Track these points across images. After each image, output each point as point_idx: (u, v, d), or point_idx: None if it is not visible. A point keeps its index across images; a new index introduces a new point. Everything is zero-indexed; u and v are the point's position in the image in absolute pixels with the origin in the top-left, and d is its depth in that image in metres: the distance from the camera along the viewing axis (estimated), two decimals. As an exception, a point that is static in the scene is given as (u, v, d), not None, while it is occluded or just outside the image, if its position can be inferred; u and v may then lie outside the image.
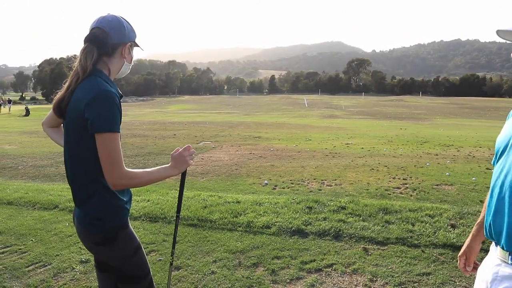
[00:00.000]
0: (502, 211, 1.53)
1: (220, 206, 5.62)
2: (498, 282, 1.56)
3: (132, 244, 2.06)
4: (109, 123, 1.80)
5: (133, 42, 2.07)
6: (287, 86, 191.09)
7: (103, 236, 1.96)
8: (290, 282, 3.59)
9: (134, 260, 2.07)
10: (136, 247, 2.08)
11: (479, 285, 1.73)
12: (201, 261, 4.02)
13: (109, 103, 1.82)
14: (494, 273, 1.59)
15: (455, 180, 7.88)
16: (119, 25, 1.98)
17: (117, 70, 2.05)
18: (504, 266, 1.55)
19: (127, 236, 2.04)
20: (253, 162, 10.34)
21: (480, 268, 1.79)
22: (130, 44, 2.04)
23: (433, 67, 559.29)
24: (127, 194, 2.08)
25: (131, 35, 2.03)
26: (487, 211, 1.66)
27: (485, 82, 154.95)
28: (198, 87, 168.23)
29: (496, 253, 1.62)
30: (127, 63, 2.07)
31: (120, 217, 2.00)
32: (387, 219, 5.00)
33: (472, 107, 61.74)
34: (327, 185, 7.55)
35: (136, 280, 2.10)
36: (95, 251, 2.09)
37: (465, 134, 20.37)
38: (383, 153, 12.19)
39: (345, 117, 41.17)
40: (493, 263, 1.62)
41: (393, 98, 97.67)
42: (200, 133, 19.46)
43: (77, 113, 1.85)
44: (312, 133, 20.15)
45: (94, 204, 1.92)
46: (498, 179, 1.59)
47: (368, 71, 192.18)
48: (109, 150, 1.81)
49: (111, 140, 1.81)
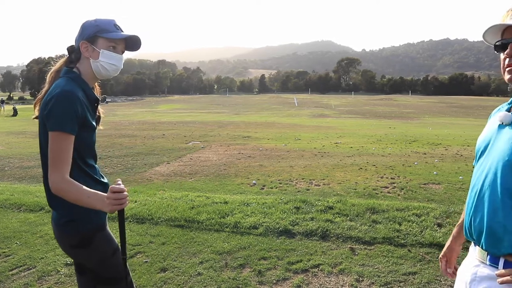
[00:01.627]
0: (481, 210, 1.53)
1: (208, 206, 5.60)
2: (477, 282, 1.56)
3: (110, 246, 2.05)
4: (58, 122, 1.77)
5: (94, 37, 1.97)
6: (277, 85, 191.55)
7: (78, 238, 1.95)
8: (276, 283, 3.58)
9: (112, 262, 2.05)
10: (114, 249, 2.06)
11: (458, 286, 1.73)
12: (187, 262, 3.99)
13: (64, 102, 1.79)
14: (473, 274, 1.59)
15: (442, 179, 7.93)
16: (80, 28, 2.00)
17: (89, 70, 2.00)
18: (483, 267, 1.55)
19: (103, 238, 2.02)
20: (241, 162, 10.32)
21: (459, 269, 1.79)
22: (86, 40, 1.97)
23: (422, 66, 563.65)
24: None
25: (85, 32, 1.97)
26: (466, 210, 1.65)
27: (474, 81, 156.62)
28: (188, 86, 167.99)
29: (475, 254, 1.62)
30: (93, 60, 1.98)
31: (95, 219, 1.98)
32: (374, 219, 5.01)
33: (460, 106, 62.31)
34: (315, 185, 7.55)
35: (114, 282, 2.08)
36: (72, 254, 2.08)
37: (453, 133, 20.54)
38: (371, 152, 12.24)
39: (334, 116, 41.31)
40: (472, 264, 1.62)
41: (383, 97, 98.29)
42: (189, 133, 19.39)
43: (41, 112, 1.87)
44: (302, 133, 20.17)
45: (68, 206, 1.87)
46: (478, 179, 1.59)
47: (358, 70, 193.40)
48: (54, 150, 1.78)
49: (58, 139, 1.78)
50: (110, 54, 1.99)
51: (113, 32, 1.98)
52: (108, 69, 2.01)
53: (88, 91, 1.98)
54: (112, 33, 1.98)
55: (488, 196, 1.50)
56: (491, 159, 1.53)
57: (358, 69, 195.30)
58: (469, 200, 1.64)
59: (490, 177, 1.50)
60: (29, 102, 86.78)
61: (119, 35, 2.00)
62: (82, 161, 1.95)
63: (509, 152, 1.43)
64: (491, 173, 1.50)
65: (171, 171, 9.20)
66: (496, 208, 1.46)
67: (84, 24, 1.99)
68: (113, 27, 2.00)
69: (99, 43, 1.97)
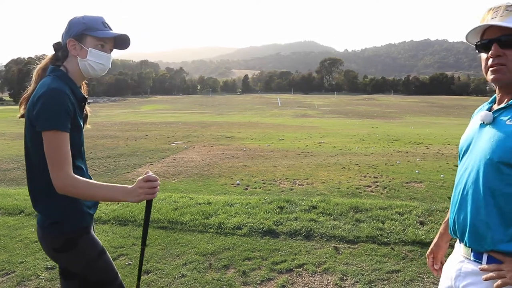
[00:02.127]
0: (465, 208, 1.57)
1: (191, 207, 5.56)
2: (461, 278, 1.60)
3: (95, 248, 2.00)
4: (50, 121, 1.74)
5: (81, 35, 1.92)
6: (260, 85, 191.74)
7: (63, 241, 1.90)
8: (261, 284, 3.57)
9: (99, 265, 2.01)
10: (100, 251, 2.01)
11: (444, 282, 1.76)
12: (171, 264, 3.96)
13: (54, 100, 1.76)
14: (457, 270, 1.63)
15: (424, 178, 8.02)
16: (67, 25, 1.95)
17: (76, 69, 1.96)
18: (467, 263, 1.59)
19: (88, 241, 1.97)
20: (225, 163, 10.29)
21: (445, 265, 1.82)
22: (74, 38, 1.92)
23: (404, 67, 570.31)
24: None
25: (73, 29, 1.92)
26: (451, 208, 1.68)
27: (454, 81, 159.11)
28: (171, 87, 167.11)
29: (459, 250, 1.65)
30: (81, 58, 1.93)
31: (80, 221, 1.94)
32: (358, 218, 5.04)
33: (441, 106, 63.21)
34: (299, 185, 7.56)
35: (103, 286, 2.04)
36: (56, 258, 2.00)
37: (435, 132, 20.82)
38: (354, 152, 12.32)
39: (317, 116, 41.51)
40: (457, 260, 1.65)
41: (365, 97, 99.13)
42: (172, 133, 19.28)
43: (28, 112, 1.82)
44: (285, 133, 20.22)
45: (52, 207, 1.86)
46: (461, 177, 1.62)
47: (340, 71, 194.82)
48: (52, 149, 1.75)
49: (54, 138, 1.75)
50: (98, 53, 1.94)
51: (101, 31, 1.94)
52: (96, 69, 1.97)
53: (76, 90, 1.93)
54: (100, 32, 1.93)
55: (471, 194, 1.54)
56: (473, 158, 1.56)
57: (341, 69, 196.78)
58: (453, 198, 1.68)
59: (473, 175, 1.54)
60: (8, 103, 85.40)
61: (108, 34, 1.95)
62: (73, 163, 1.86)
63: (491, 151, 1.47)
64: (473, 172, 1.54)
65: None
66: (479, 206, 1.50)
67: (72, 21, 1.94)
68: (101, 25, 1.95)
69: (87, 41, 1.92)
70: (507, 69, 1.48)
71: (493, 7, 1.51)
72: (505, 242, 1.45)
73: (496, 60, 1.48)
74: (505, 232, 1.45)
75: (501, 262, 1.46)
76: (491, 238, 1.48)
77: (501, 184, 1.44)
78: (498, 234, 1.46)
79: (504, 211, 1.45)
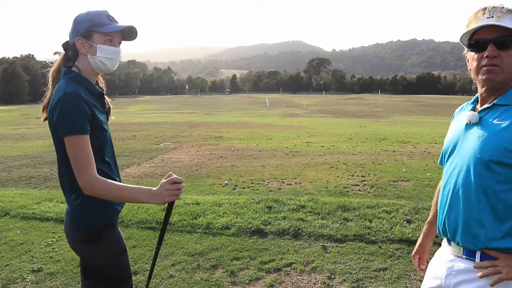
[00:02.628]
0: (456, 208, 1.59)
1: (179, 208, 5.54)
2: (453, 276, 1.61)
3: (118, 245, 2.04)
4: (69, 126, 1.77)
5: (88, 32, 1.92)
6: (248, 85, 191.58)
7: (88, 234, 1.93)
8: (249, 283, 3.58)
9: (120, 262, 2.04)
10: (123, 249, 2.06)
11: (430, 281, 1.77)
12: (159, 265, 3.94)
13: (70, 105, 1.78)
14: (448, 268, 1.64)
15: (411, 176, 8.10)
16: (72, 23, 1.95)
17: (88, 66, 1.97)
18: (459, 261, 1.61)
19: (113, 236, 2.01)
20: (213, 163, 10.27)
21: (430, 264, 1.83)
22: (82, 36, 1.92)
23: (391, 66, 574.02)
24: None
25: (79, 27, 1.92)
26: (439, 208, 1.70)
27: (440, 81, 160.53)
28: (159, 87, 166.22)
29: (449, 249, 1.67)
30: (91, 56, 1.94)
31: (106, 216, 1.97)
32: (346, 217, 5.07)
33: (428, 105, 63.78)
34: (287, 184, 7.58)
35: (121, 283, 2.06)
36: (79, 250, 2.02)
37: (421, 131, 21.01)
38: (342, 151, 12.38)
39: (306, 115, 41.62)
40: (447, 259, 1.66)
41: (353, 97, 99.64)
42: (160, 133, 19.19)
43: (49, 117, 1.87)
44: (273, 132, 20.25)
45: (81, 201, 1.90)
46: (450, 177, 1.64)
47: (328, 70, 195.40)
48: (73, 153, 1.79)
49: (73, 142, 1.78)
50: (107, 49, 1.95)
51: (107, 25, 1.93)
52: (107, 64, 1.98)
53: (91, 88, 1.96)
54: (106, 26, 1.93)
55: (462, 193, 1.56)
56: (461, 158, 1.59)
57: (329, 69, 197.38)
58: (442, 198, 1.69)
59: (463, 175, 1.56)
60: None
61: (115, 28, 1.95)
62: (99, 159, 1.91)
63: (480, 150, 1.50)
64: (463, 171, 1.57)
65: (142, 173, 9.08)
66: (472, 205, 1.53)
67: (77, 19, 1.94)
68: (106, 19, 1.94)
69: (94, 38, 1.92)
70: (501, 70, 1.50)
71: (487, 7, 1.52)
72: (498, 239, 1.48)
73: (491, 60, 1.50)
74: (498, 229, 1.47)
75: (495, 259, 1.49)
76: (484, 236, 1.50)
77: (493, 182, 1.47)
78: (492, 232, 1.48)
79: (496, 209, 1.47)
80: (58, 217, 5.36)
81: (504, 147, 1.45)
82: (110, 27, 1.93)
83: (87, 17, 1.92)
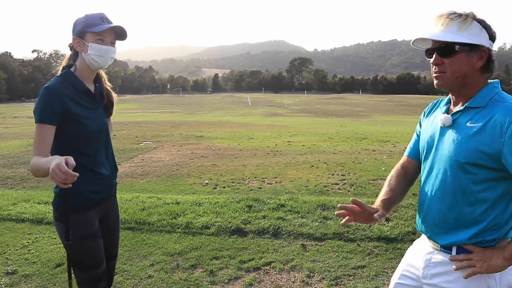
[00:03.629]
0: (435, 207, 1.68)
1: (159, 208, 5.51)
2: (431, 268, 1.71)
3: (84, 230, 2.16)
4: (36, 115, 2.04)
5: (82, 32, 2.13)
6: (230, 84, 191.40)
7: (59, 213, 2.14)
8: (228, 282, 3.57)
9: (81, 247, 2.15)
10: (87, 235, 2.16)
11: (406, 268, 1.85)
12: (137, 265, 3.91)
13: (41, 97, 2.04)
14: (427, 260, 1.73)
15: (390, 175, 8.17)
16: (73, 24, 2.18)
17: (83, 64, 2.18)
18: (436, 253, 1.70)
19: (78, 222, 2.14)
20: (194, 162, 10.22)
21: (408, 253, 1.92)
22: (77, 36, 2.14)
23: (372, 66, 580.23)
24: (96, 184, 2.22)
25: (76, 28, 2.15)
26: (418, 207, 1.80)
27: (420, 81, 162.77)
28: (140, 86, 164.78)
29: (428, 243, 1.76)
30: (85, 53, 2.14)
31: (73, 200, 2.06)
32: (325, 215, 5.10)
33: (408, 104, 64.61)
34: (267, 183, 7.59)
35: (83, 268, 2.18)
36: (55, 227, 2.22)
37: (401, 130, 21.24)
38: (323, 150, 12.45)
39: (287, 115, 41.75)
40: (425, 251, 1.75)
41: (334, 96, 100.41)
42: (141, 133, 19.01)
43: None
44: (255, 132, 20.25)
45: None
46: (429, 178, 1.72)
47: (310, 70, 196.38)
48: (34, 137, 2.07)
49: (36, 129, 2.05)
50: (97, 47, 2.12)
51: (98, 26, 2.12)
52: (98, 61, 2.15)
53: (77, 85, 2.16)
54: (97, 27, 2.11)
55: (440, 194, 1.66)
56: (439, 160, 1.67)
57: (311, 69, 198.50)
58: (421, 199, 1.77)
59: (441, 176, 1.65)
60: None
61: (102, 27, 2.12)
62: (75, 150, 2.06)
63: (456, 153, 1.58)
64: (441, 173, 1.65)
65: (121, 172, 8.98)
66: (449, 205, 1.62)
67: (75, 21, 2.16)
68: (99, 20, 2.13)
69: (87, 37, 2.13)
70: (447, 76, 1.60)
71: (439, 14, 1.62)
72: (474, 235, 1.57)
73: (437, 67, 1.61)
74: (474, 226, 1.57)
75: (470, 253, 1.58)
76: (461, 233, 1.60)
77: (469, 183, 1.56)
78: (468, 229, 1.58)
79: (473, 208, 1.57)
80: (35, 218, 5.27)
81: (478, 149, 1.52)
82: (99, 27, 2.12)
83: (83, 19, 2.14)
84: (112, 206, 2.45)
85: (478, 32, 1.55)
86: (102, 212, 2.33)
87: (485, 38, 1.56)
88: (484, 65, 1.58)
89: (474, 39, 1.54)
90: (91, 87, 2.26)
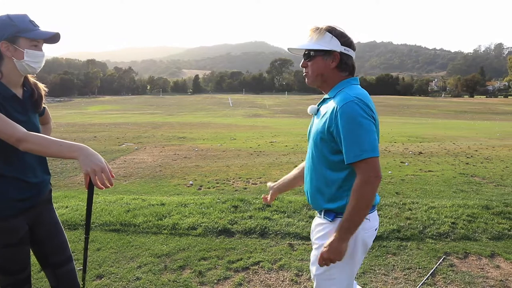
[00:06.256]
0: (308, 179, 2.16)
1: (144, 209, 5.46)
2: (314, 227, 2.20)
3: (4, 238, 2.09)
4: None
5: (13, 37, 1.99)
6: (211, 85, 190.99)
7: None
8: (217, 283, 3.57)
9: (3, 254, 2.09)
10: (8, 244, 2.10)
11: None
12: (125, 267, 3.87)
13: None
14: (314, 224, 2.23)
15: (373, 174, 8.26)
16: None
17: (13, 69, 2.04)
18: (317, 218, 2.19)
19: (2, 229, 2.07)
20: (177, 163, 10.17)
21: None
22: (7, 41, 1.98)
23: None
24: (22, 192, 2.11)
25: (3, 32, 1.98)
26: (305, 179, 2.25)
27: (398, 82, 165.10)
28: (120, 87, 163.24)
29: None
30: (17, 59, 2.02)
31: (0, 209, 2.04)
32: (311, 215, 5.13)
33: (387, 105, 65.40)
34: (252, 184, 7.60)
35: (5, 272, 2.14)
36: None
37: (381, 130, 21.24)
38: (305, 151, 12.50)
39: (269, 116, 41.86)
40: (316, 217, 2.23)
41: (315, 97, 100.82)
42: (122, 134, 18.83)
43: None
44: (237, 132, 20.25)
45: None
46: (307, 156, 2.19)
47: (290, 71, 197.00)
48: None
49: None
50: (34, 53, 2.04)
51: (33, 31, 2.02)
52: (34, 66, 2.08)
53: (4, 91, 2.02)
54: (33, 32, 2.02)
55: (309, 168, 2.15)
56: (310, 141, 2.14)
57: (291, 70, 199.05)
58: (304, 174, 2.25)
59: (309, 154, 2.13)
60: None
61: (42, 35, 2.04)
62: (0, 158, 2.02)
63: (316, 132, 2.02)
64: (310, 152, 2.13)
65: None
66: (313, 176, 2.10)
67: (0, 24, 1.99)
68: (30, 25, 2.02)
69: (20, 43, 2.00)
70: (310, 75, 2.07)
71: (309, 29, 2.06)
72: (329, 201, 2.02)
73: (304, 69, 2.09)
74: (330, 193, 2.01)
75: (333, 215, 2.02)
76: (321, 200, 2.05)
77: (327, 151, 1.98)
78: (326, 196, 2.03)
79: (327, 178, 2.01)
80: None
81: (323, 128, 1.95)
82: (36, 33, 2.03)
83: (11, 22, 1.98)
84: (46, 213, 2.32)
85: (329, 40, 1.98)
86: (32, 219, 2.22)
87: (337, 45, 1.98)
88: (338, 65, 2.01)
89: (326, 45, 1.97)
90: (18, 92, 2.13)
